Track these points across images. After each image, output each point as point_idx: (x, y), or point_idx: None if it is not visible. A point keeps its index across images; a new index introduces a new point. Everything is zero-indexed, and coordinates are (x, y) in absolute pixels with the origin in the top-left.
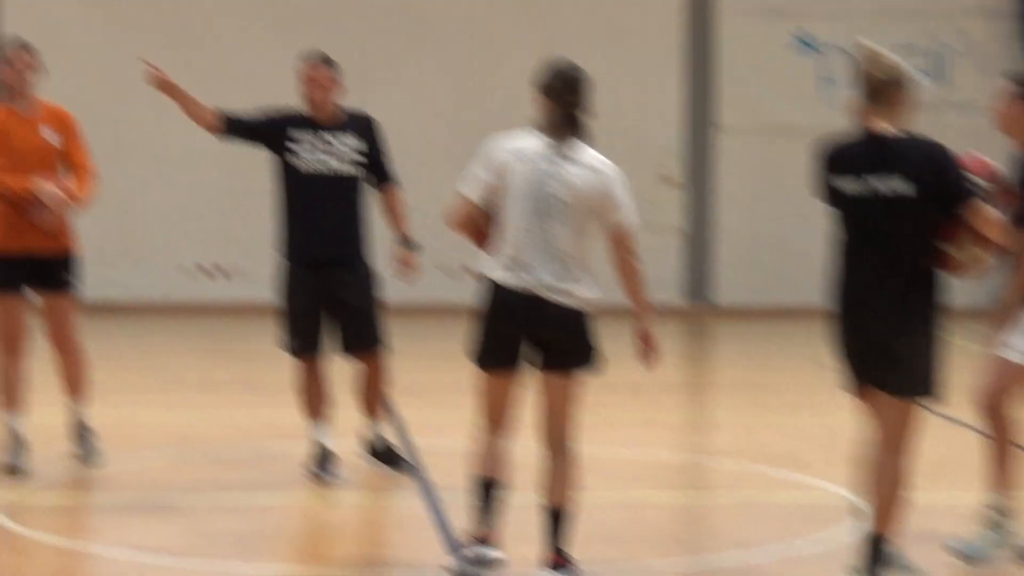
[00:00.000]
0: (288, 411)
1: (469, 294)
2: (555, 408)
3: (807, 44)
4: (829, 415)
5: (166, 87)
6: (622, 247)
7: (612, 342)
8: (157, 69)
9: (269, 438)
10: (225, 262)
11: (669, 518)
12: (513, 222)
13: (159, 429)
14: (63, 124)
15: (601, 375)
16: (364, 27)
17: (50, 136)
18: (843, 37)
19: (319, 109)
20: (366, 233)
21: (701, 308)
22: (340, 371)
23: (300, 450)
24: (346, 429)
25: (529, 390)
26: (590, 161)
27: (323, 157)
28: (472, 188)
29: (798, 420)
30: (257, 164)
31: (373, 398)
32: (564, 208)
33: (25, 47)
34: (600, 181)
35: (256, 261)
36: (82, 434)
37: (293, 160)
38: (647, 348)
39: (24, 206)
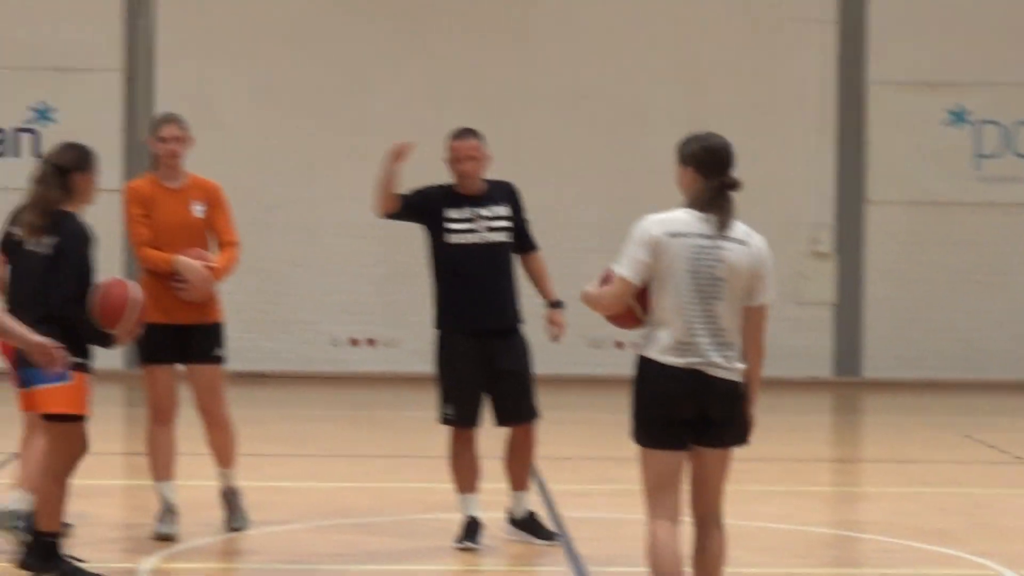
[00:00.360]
0: (435, 480)
1: (610, 366)
2: (713, 483)
3: (959, 117)
4: (981, 490)
5: (400, 158)
6: (757, 324)
7: (762, 415)
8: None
9: (416, 506)
10: (373, 333)
11: None
12: (672, 302)
13: (307, 497)
14: (210, 196)
15: (751, 447)
16: (515, 104)
17: (198, 210)
18: (995, 110)
19: (470, 181)
20: (519, 301)
21: (851, 381)
22: (484, 439)
23: (447, 519)
24: (493, 499)
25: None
26: (744, 237)
27: (476, 228)
28: (629, 269)
29: (949, 495)
30: (404, 236)
31: (523, 469)
32: (723, 286)
33: (176, 120)
34: (755, 258)
35: (402, 331)
36: (231, 501)
37: (448, 235)
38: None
39: (169, 279)
